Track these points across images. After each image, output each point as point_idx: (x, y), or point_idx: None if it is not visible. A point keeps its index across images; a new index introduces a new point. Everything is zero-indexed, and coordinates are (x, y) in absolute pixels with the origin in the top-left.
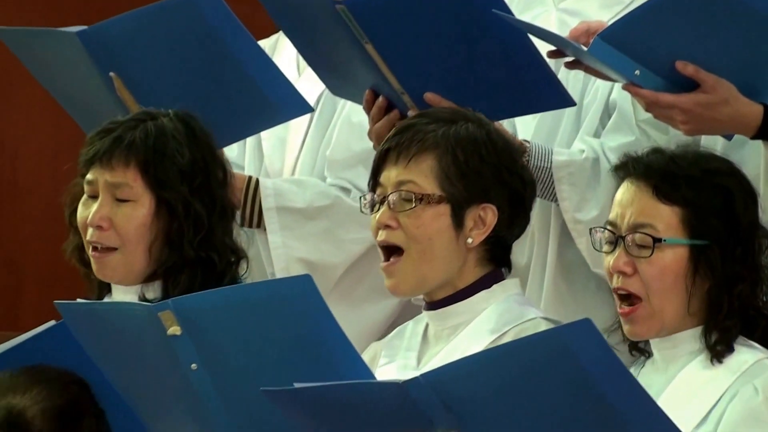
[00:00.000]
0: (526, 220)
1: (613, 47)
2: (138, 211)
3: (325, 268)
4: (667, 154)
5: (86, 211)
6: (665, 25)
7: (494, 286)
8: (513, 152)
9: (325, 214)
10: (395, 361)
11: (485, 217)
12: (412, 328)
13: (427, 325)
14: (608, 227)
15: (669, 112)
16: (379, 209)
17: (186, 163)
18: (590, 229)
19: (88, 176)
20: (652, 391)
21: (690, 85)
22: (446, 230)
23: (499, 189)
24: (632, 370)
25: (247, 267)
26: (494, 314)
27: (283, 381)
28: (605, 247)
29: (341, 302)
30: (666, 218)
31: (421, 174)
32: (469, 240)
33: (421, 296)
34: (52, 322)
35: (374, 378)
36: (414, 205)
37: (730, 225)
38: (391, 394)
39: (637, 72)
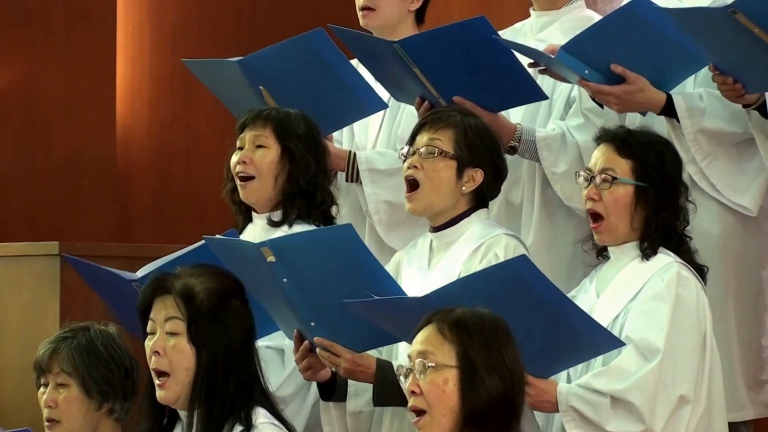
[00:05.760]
0: (498, 189)
1: (571, 55)
2: (269, 153)
3: (400, 206)
4: (626, 129)
5: (236, 157)
6: (604, 42)
7: (472, 215)
8: (499, 141)
9: (399, 172)
10: (412, 264)
11: (475, 176)
12: (422, 243)
13: (431, 241)
14: (587, 171)
15: (607, 98)
16: (409, 158)
17: (302, 130)
18: (576, 172)
19: (240, 135)
20: (606, 280)
21: (620, 80)
22: (451, 177)
23: (488, 161)
24: (597, 267)
25: (338, 211)
26: (474, 233)
27: (341, 289)
28: (584, 184)
29: (410, 227)
30: (622, 166)
31: (444, 137)
32: (464, 188)
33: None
34: (201, 242)
35: (394, 281)
36: (435, 155)
37: (662, 175)
38: (415, 304)
39: (587, 71)
